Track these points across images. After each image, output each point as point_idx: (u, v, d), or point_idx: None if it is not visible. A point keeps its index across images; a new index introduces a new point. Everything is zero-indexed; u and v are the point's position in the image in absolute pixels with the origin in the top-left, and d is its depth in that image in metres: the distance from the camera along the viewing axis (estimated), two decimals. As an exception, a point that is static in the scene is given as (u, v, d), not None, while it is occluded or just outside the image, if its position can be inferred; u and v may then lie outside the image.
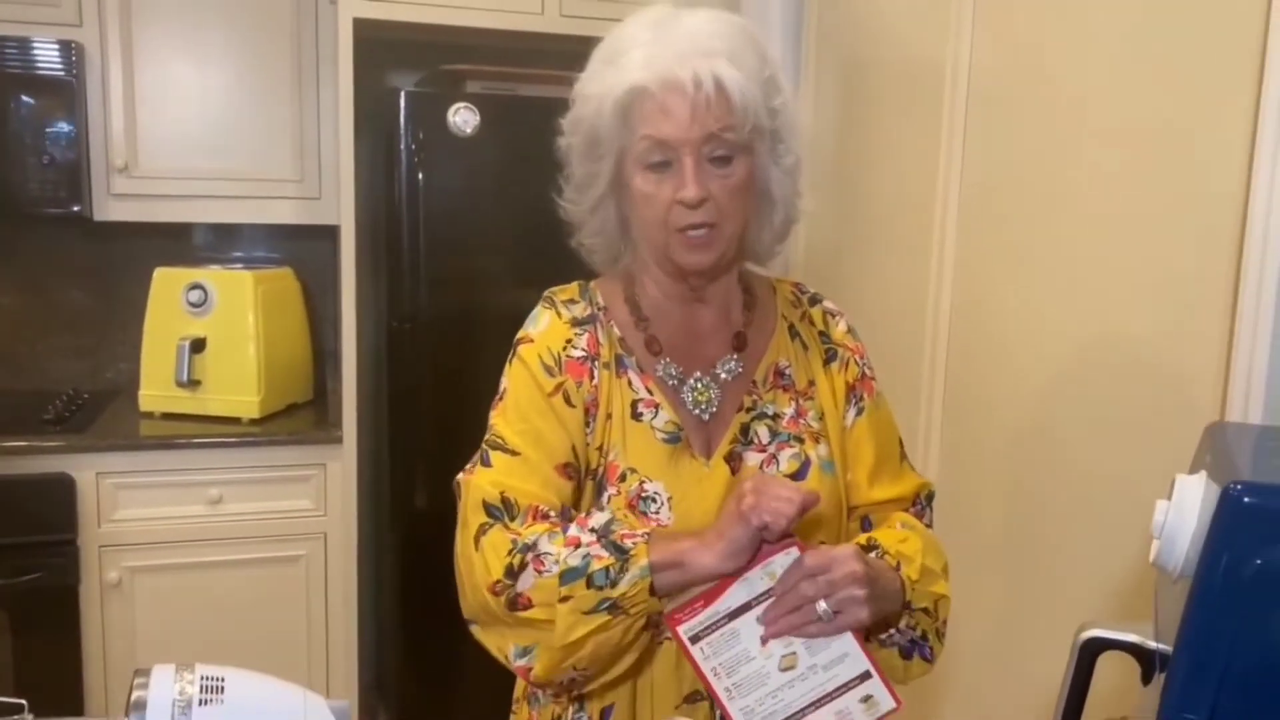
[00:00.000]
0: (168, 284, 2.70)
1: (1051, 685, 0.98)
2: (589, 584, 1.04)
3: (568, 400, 1.15)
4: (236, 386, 2.68)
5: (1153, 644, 0.89)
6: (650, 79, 1.08)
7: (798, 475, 1.18)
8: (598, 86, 1.12)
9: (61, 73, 2.55)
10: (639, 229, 1.17)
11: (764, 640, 1.04)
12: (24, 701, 0.74)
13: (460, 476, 1.18)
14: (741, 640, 1.04)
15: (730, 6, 2.66)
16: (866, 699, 1.05)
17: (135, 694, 0.73)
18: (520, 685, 1.27)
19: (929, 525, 1.27)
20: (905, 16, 2.17)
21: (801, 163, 1.18)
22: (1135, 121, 1.56)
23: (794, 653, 1.05)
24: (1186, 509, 0.82)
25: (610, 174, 1.15)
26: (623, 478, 1.14)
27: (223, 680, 0.75)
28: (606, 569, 1.04)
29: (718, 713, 1.12)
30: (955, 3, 1.96)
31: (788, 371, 1.22)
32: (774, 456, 1.18)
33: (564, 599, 1.04)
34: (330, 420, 2.76)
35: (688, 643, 1.04)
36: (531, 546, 1.07)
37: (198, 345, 2.65)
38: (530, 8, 2.60)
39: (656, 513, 1.13)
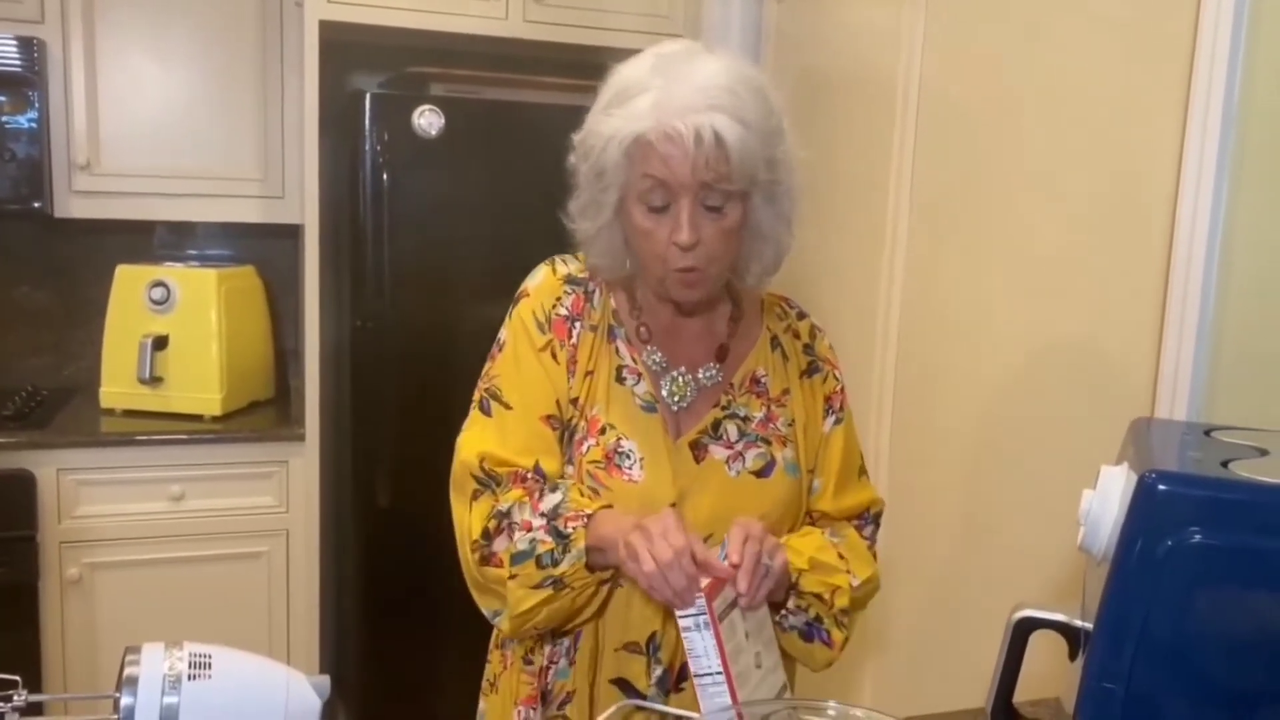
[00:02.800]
0: (130, 281, 2.70)
1: (988, 663, 1.05)
2: (537, 565, 1.16)
3: (554, 356, 1.25)
4: (198, 384, 2.68)
5: (1078, 622, 0.96)
6: (653, 129, 1.11)
7: (763, 473, 1.26)
8: (606, 128, 1.15)
9: (23, 69, 2.54)
10: (637, 256, 1.23)
11: (746, 635, 1.11)
12: (18, 678, 0.77)
13: (460, 438, 1.27)
14: (737, 632, 1.10)
15: (692, 19, 2.72)
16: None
17: (127, 670, 0.77)
18: (494, 637, 1.37)
19: (871, 540, 1.35)
20: (861, 31, 2.25)
21: (796, 202, 1.23)
22: (1076, 135, 1.64)
23: (759, 651, 1.13)
24: (1109, 497, 0.89)
25: (615, 203, 1.20)
26: (603, 431, 1.24)
27: (210, 657, 0.79)
28: (550, 551, 1.16)
29: (655, 670, 1.22)
30: (907, 21, 2.03)
31: (764, 379, 1.30)
32: (740, 454, 1.26)
33: (512, 576, 1.17)
34: (292, 418, 2.78)
35: (716, 619, 1.07)
36: (506, 514, 1.20)
37: (160, 342, 2.65)
38: (494, 13, 2.63)
39: (630, 468, 1.22)
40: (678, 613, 1.08)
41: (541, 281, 1.29)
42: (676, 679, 1.23)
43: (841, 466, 1.32)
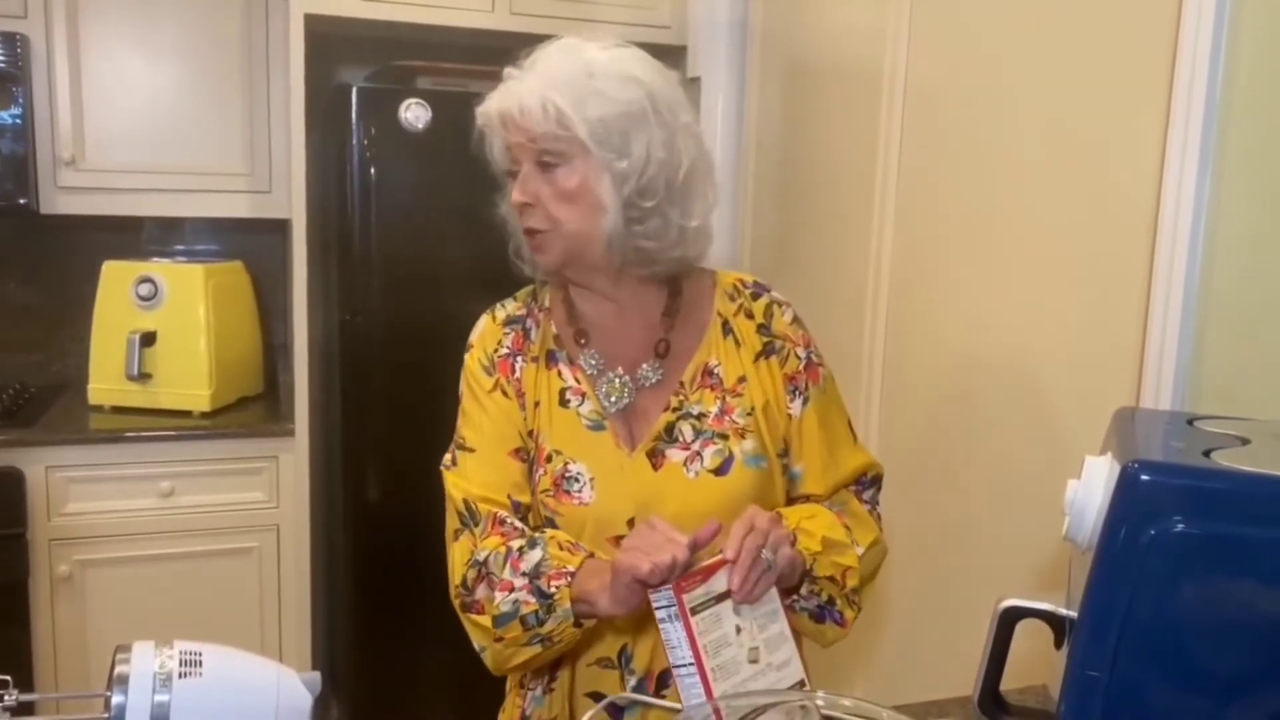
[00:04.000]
0: (117, 277, 2.69)
1: (976, 651, 1.05)
2: (522, 626, 1.16)
3: (504, 393, 1.27)
4: (187, 380, 2.68)
5: (1064, 611, 0.97)
6: (499, 102, 1.22)
7: (720, 470, 1.23)
8: (479, 120, 1.26)
9: (6, 65, 2.53)
10: None
11: (738, 629, 1.10)
12: (8, 678, 0.77)
13: (442, 468, 1.29)
14: (723, 624, 1.09)
15: (678, 11, 2.73)
16: (803, 706, 1.09)
17: (117, 669, 0.77)
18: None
19: (872, 504, 1.34)
20: (846, 26, 2.25)
21: (661, 179, 1.21)
22: (1060, 127, 1.65)
23: (757, 647, 1.11)
24: (1094, 487, 0.90)
25: (507, 190, 1.27)
26: (549, 458, 1.24)
27: (200, 655, 0.79)
28: (535, 612, 1.15)
29: (630, 681, 1.21)
30: (893, 15, 2.04)
31: (716, 370, 1.27)
32: (698, 453, 1.24)
33: (498, 639, 1.17)
34: (282, 413, 2.78)
35: (689, 613, 1.07)
36: (484, 563, 1.20)
37: (148, 339, 2.65)
38: (480, 5, 2.63)
39: (580, 491, 1.22)
40: (653, 602, 1.07)
41: (483, 330, 1.32)
42: (656, 687, 1.23)
43: (822, 446, 1.29)
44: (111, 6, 2.64)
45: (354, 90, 2.53)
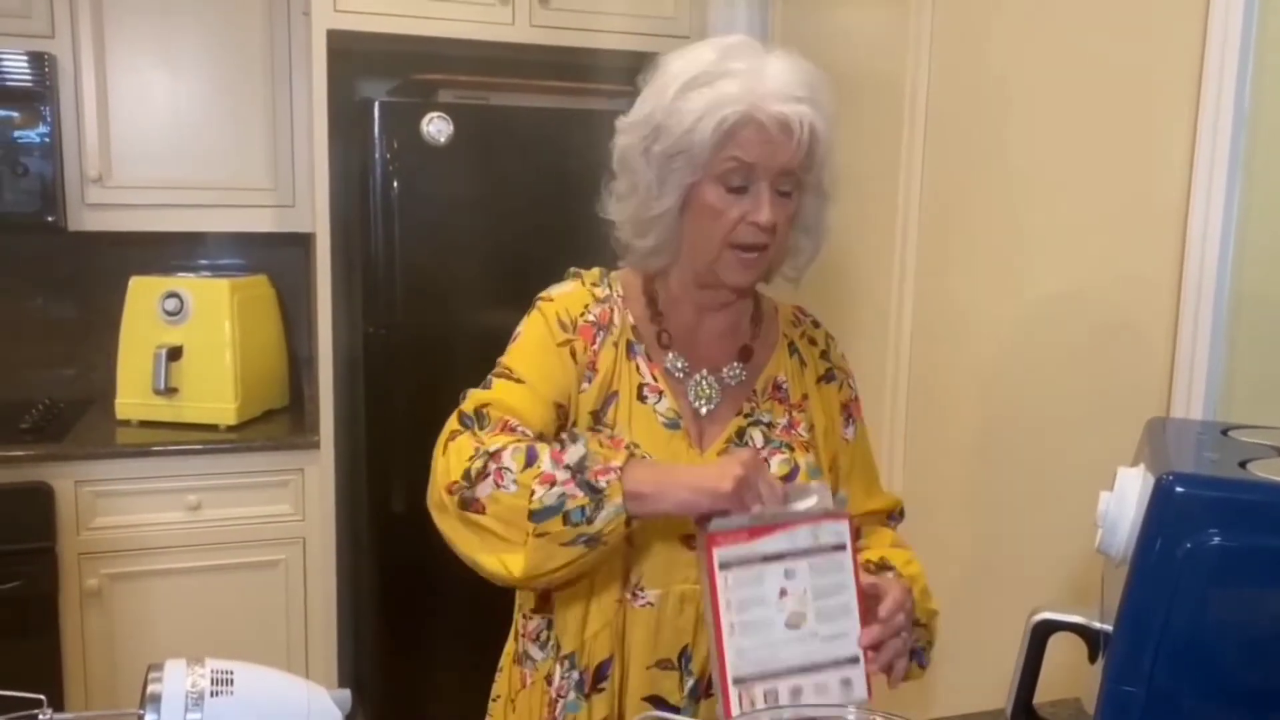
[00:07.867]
0: (143, 292, 2.71)
1: (1008, 665, 1.04)
2: (565, 521, 1.08)
3: (573, 355, 1.23)
4: (213, 393, 2.70)
5: (1098, 625, 0.96)
6: (749, 112, 1.13)
7: (787, 479, 1.25)
8: (694, 105, 1.15)
9: (33, 84, 2.56)
10: (693, 238, 1.22)
11: (783, 592, 1.07)
12: (42, 697, 0.78)
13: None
14: (764, 584, 1.07)
15: (698, 22, 2.72)
16: (845, 681, 1.09)
17: (150, 687, 0.77)
18: (509, 650, 1.34)
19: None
20: (867, 33, 2.24)
21: (831, 205, 1.28)
22: (1085, 135, 1.64)
23: (803, 613, 1.08)
24: (1127, 499, 0.89)
25: (685, 185, 1.19)
26: (628, 450, 1.20)
27: (231, 673, 0.80)
28: (582, 508, 1.08)
29: (687, 682, 1.21)
30: (914, 23, 2.03)
31: (784, 385, 1.31)
32: (766, 460, 1.25)
33: (540, 534, 1.09)
34: (307, 425, 2.79)
35: (717, 567, 1.05)
36: (494, 455, 1.12)
37: (174, 353, 2.67)
38: (501, 18, 2.64)
39: None
40: (698, 540, 1.07)
41: (570, 290, 1.28)
42: (706, 686, 1.23)
43: (866, 475, 1.34)
44: (136, 26, 2.67)
45: (376, 104, 2.55)
